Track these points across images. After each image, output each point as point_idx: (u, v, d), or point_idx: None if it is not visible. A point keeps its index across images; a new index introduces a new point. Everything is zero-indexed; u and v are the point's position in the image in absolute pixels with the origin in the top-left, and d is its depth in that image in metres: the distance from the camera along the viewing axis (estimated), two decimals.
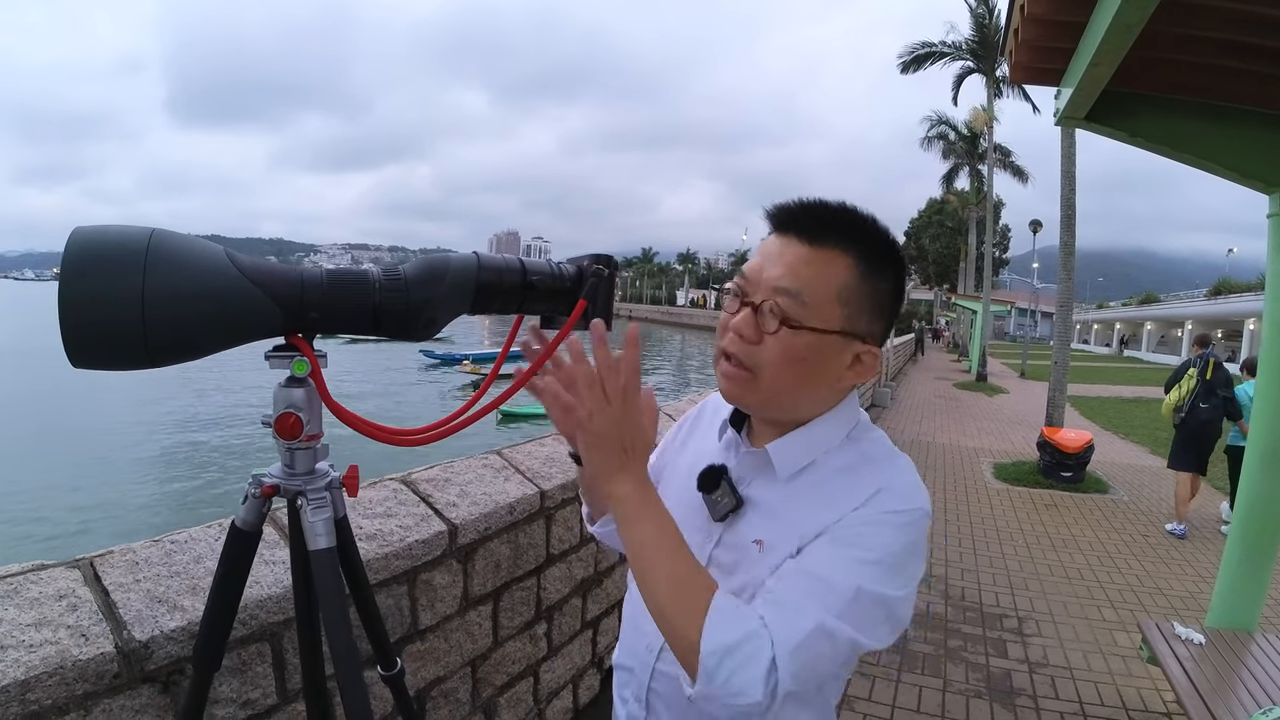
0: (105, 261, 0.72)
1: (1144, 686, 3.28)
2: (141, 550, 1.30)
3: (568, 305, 0.91)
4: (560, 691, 2.46)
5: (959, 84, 26.33)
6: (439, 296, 0.83)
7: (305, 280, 0.80)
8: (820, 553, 0.81)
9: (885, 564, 0.80)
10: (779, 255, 0.86)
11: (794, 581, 0.79)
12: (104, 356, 0.74)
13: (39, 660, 1.01)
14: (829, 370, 0.87)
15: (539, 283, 0.90)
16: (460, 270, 0.85)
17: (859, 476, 0.87)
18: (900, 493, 0.85)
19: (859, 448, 0.92)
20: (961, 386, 19.26)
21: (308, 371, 0.82)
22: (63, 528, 9.47)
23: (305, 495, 0.87)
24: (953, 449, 9.51)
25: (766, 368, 0.85)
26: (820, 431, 0.91)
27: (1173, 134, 2.67)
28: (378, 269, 0.83)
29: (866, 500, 0.84)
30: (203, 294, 0.76)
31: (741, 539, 0.90)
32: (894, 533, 0.82)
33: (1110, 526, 6.05)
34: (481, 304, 0.87)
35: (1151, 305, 51.43)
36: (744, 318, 0.86)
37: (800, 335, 0.84)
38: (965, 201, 35.46)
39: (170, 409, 17.63)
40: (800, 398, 0.89)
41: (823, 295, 0.84)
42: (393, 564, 1.62)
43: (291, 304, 0.80)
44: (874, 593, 0.78)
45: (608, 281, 0.92)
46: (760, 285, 0.86)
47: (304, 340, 0.83)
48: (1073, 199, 9.10)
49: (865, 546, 0.80)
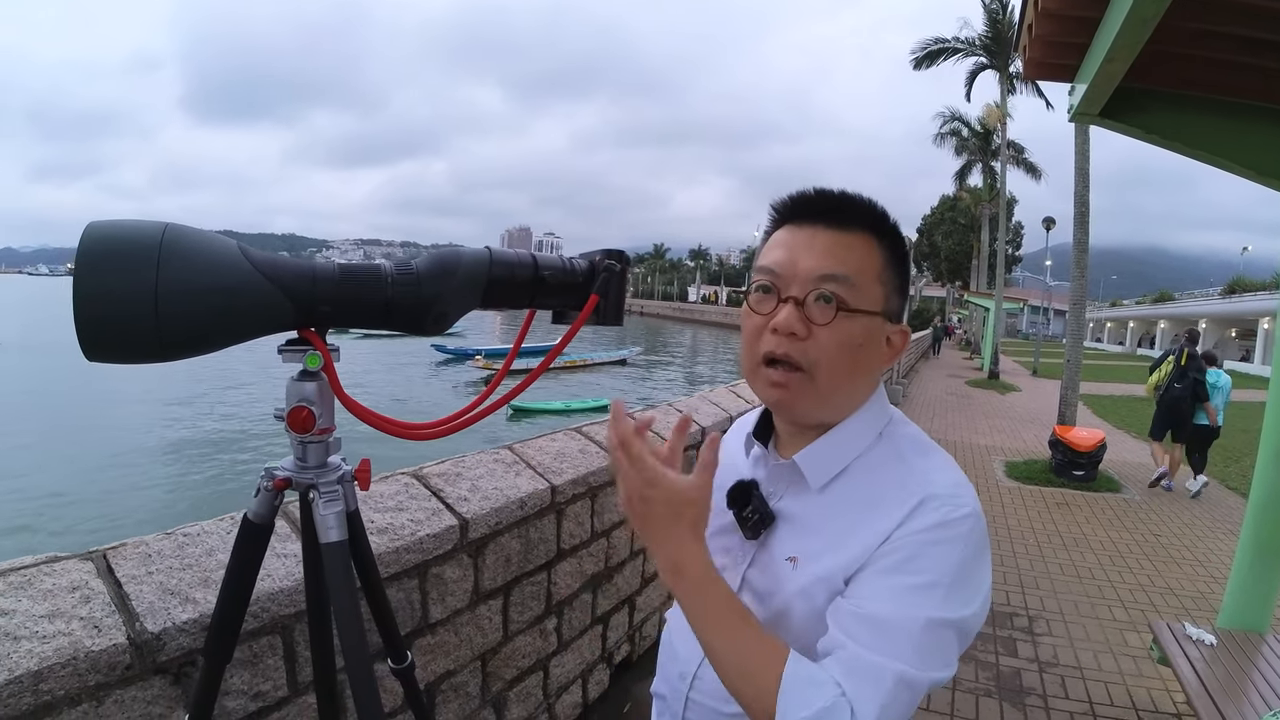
0: (119, 256, 0.73)
1: (1154, 687, 3.25)
2: (154, 543, 1.31)
3: (580, 300, 0.91)
4: (570, 686, 2.46)
5: (972, 80, 26.14)
6: (450, 291, 0.83)
7: (317, 275, 0.81)
8: (875, 588, 0.76)
9: (946, 585, 0.74)
10: (809, 244, 0.83)
11: (859, 633, 0.73)
12: (117, 350, 0.75)
13: (52, 651, 1.01)
14: (873, 355, 0.85)
15: (550, 277, 0.90)
16: (472, 265, 0.85)
17: (897, 483, 0.82)
18: (946, 498, 0.79)
19: (894, 447, 0.87)
20: (974, 384, 19.16)
21: (320, 366, 0.82)
22: (79, 521, 9.55)
23: (317, 488, 0.88)
24: (964, 447, 9.46)
25: (824, 363, 0.81)
26: (851, 433, 0.87)
27: (1187, 130, 2.63)
28: (390, 264, 0.83)
29: (910, 513, 0.78)
30: (215, 288, 0.76)
31: (775, 556, 0.86)
32: (949, 548, 0.76)
33: (1122, 526, 6.00)
34: (493, 299, 0.87)
35: (1165, 304, 51.01)
36: (790, 314, 0.81)
37: (856, 321, 0.81)
38: (978, 198, 35.22)
39: (197, 402, 17.77)
40: (854, 391, 0.86)
41: (868, 277, 0.83)
42: (404, 558, 1.62)
43: (304, 298, 0.80)
44: (942, 619, 0.73)
45: (619, 276, 0.92)
46: (797, 277, 0.82)
47: (316, 334, 0.83)
48: (1086, 196, 9.02)
49: (921, 571, 0.75)
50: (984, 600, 0.79)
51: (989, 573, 0.81)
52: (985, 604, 0.79)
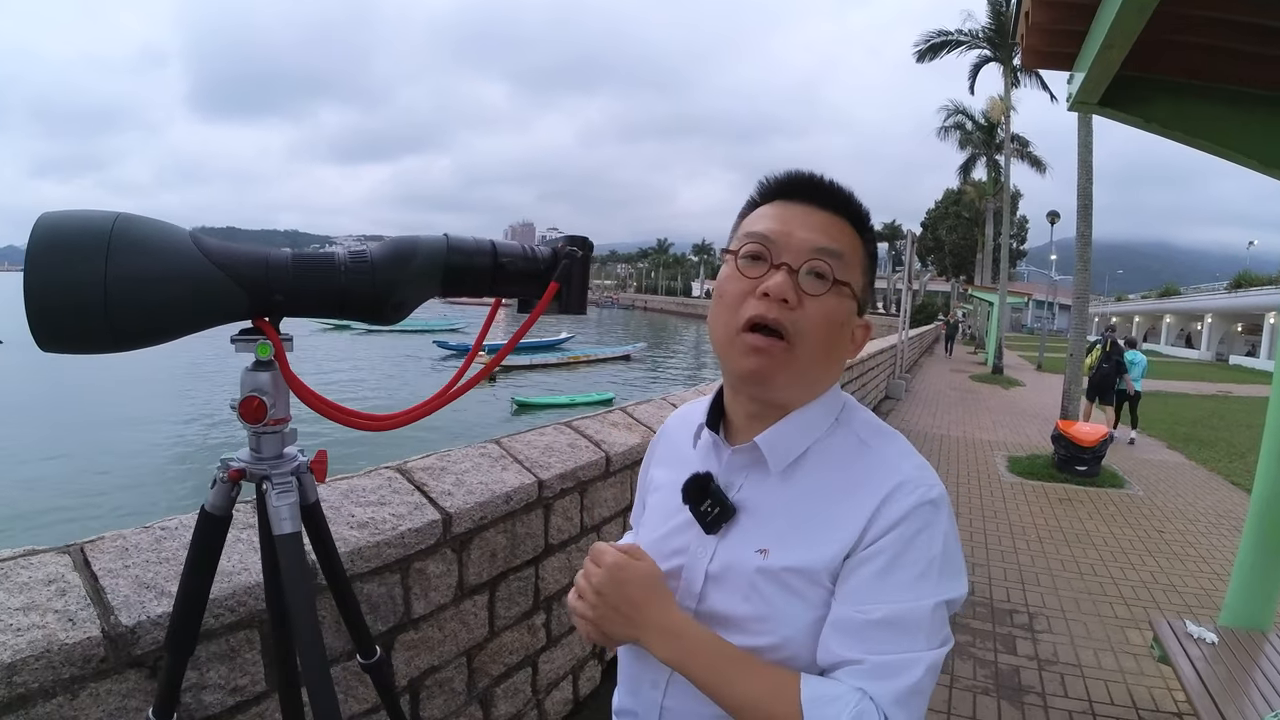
0: (69, 246, 0.72)
1: (1155, 686, 3.23)
2: (132, 536, 1.30)
3: (541, 288, 0.89)
4: (560, 682, 2.45)
5: (976, 73, 26.05)
6: (406, 279, 0.82)
7: (270, 263, 0.79)
8: (873, 591, 0.76)
9: (937, 568, 0.77)
10: (805, 218, 0.83)
11: (872, 641, 0.74)
12: (70, 340, 0.74)
13: (25, 644, 1.01)
14: (844, 343, 0.86)
15: (509, 264, 0.88)
16: (428, 252, 0.84)
17: (863, 469, 0.82)
18: (915, 482, 0.80)
19: (852, 432, 0.87)
20: (977, 379, 19.09)
21: (271, 354, 0.81)
22: (67, 515, 9.67)
23: (270, 480, 0.86)
24: (966, 442, 9.42)
25: (809, 334, 0.80)
26: (810, 417, 0.86)
27: (1188, 119, 2.60)
28: (344, 251, 0.82)
29: (884, 501, 0.78)
30: (166, 277, 0.75)
31: (740, 551, 0.84)
32: (931, 533, 0.78)
33: (1125, 522, 5.97)
34: (451, 286, 0.86)
35: (1171, 298, 50.80)
36: (784, 279, 0.79)
37: (843, 298, 0.82)
38: (982, 192, 35.10)
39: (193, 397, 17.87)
40: (824, 373, 0.86)
41: (854, 259, 0.84)
42: (384, 552, 1.60)
43: (257, 287, 0.79)
44: (943, 601, 0.77)
45: (581, 263, 0.90)
46: (791, 246, 0.81)
47: (269, 323, 0.82)
48: (1089, 189, 8.96)
49: (914, 562, 0.76)
50: (965, 573, 0.82)
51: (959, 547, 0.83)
52: (965, 577, 0.82)
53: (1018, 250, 51.92)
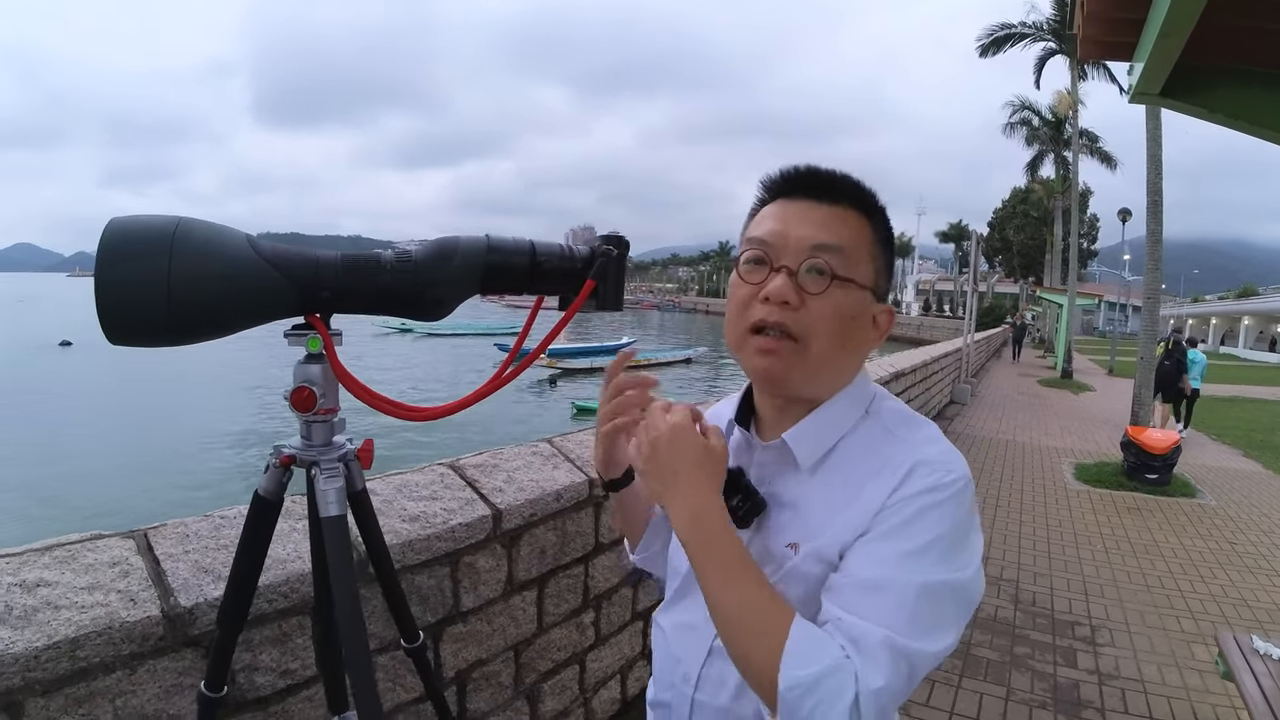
0: (135, 248, 0.79)
1: (1220, 704, 3.08)
2: (192, 524, 1.37)
3: (579, 286, 0.92)
4: (608, 681, 2.47)
5: (1041, 66, 25.26)
6: (447, 277, 0.86)
7: (320, 263, 0.85)
8: (869, 556, 0.76)
9: (939, 549, 0.75)
10: (802, 216, 0.83)
11: (853, 601, 0.74)
12: (135, 333, 0.80)
13: (89, 620, 1.08)
14: (864, 331, 0.85)
15: (546, 263, 0.91)
16: (469, 251, 0.87)
17: (887, 455, 0.82)
18: (935, 464, 0.79)
19: (880, 421, 0.87)
20: (1045, 383, 18.52)
21: (320, 347, 0.86)
22: (130, 503, 10.19)
23: (319, 465, 0.92)
24: (1033, 448, 9.14)
25: (818, 331, 0.81)
26: (838, 410, 0.87)
27: (1254, 108, 2.47)
28: (390, 252, 0.86)
29: (901, 481, 0.78)
30: (224, 276, 0.81)
31: (771, 545, 0.85)
32: (940, 512, 0.76)
33: (1196, 533, 5.71)
34: (491, 284, 0.89)
35: (1249, 299, 48.33)
36: (783, 283, 0.81)
37: (849, 291, 0.82)
38: (1050, 190, 34.00)
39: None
40: (843, 366, 0.86)
41: (859, 250, 0.83)
42: (435, 545, 1.65)
43: (307, 285, 0.84)
44: (940, 581, 0.74)
45: (617, 261, 0.93)
46: (789, 248, 0.82)
47: (319, 319, 0.87)
48: (1159, 184, 8.59)
49: (916, 535, 0.75)
50: (979, 566, 0.79)
51: (981, 540, 0.81)
52: (980, 571, 0.79)
53: (1088, 250, 50.16)
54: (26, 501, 10.15)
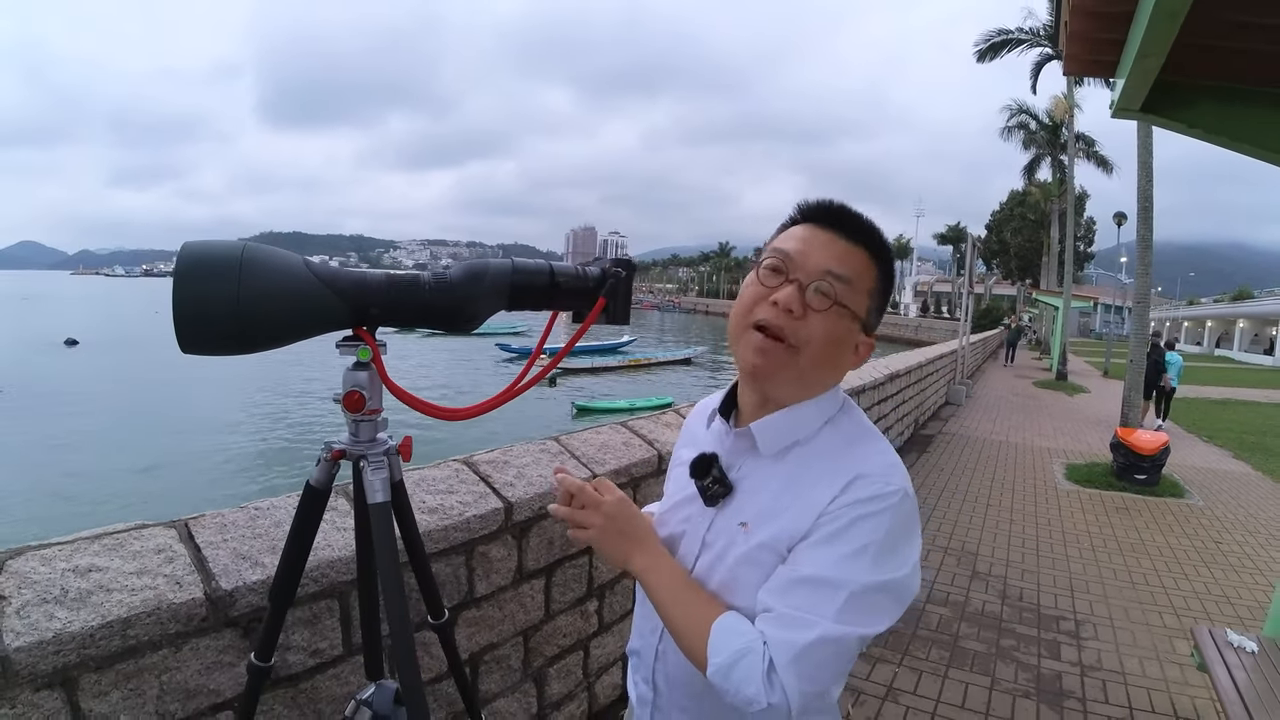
0: (208, 269, 0.90)
1: (1198, 695, 3.21)
2: (230, 515, 1.49)
3: (591, 302, 1.04)
4: (610, 668, 2.58)
5: (1037, 71, 25.31)
6: (479, 295, 0.98)
7: (368, 282, 0.97)
8: (809, 555, 0.87)
9: (872, 553, 0.85)
10: (826, 244, 0.93)
11: (789, 594, 0.86)
12: (207, 344, 0.92)
13: (139, 601, 1.18)
14: (846, 354, 0.96)
15: (564, 283, 1.04)
16: (497, 273, 1.00)
17: (837, 463, 0.92)
18: (875, 477, 0.89)
19: (839, 432, 0.97)
20: (1041, 385, 18.65)
21: (370, 357, 0.98)
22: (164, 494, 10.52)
23: (366, 459, 1.04)
24: (1025, 449, 9.27)
25: (811, 344, 0.90)
26: (805, 413, 0.96)
27: (1232, 124, 2.58)
28: (429, 274, 0.98)
29: (843, 489, 0.88)
30: (285, 294, 0.93)
31: (729, 522, 0.97)
32: (875, 521, 0.86)
33: (1182, 532, 5.85)
34: (516, 301, 1.02)
35: (1244, 302, 48.50)
36: (793, 293, 0.90)
37: (844, 317, 0.92)
38: (1047, 193, 34.11)
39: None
40: (822, 379, 0.96)
41: (862, 286, 0.93)
42: (451, 535, 1.77)
43: (356, 302, 0.96)
44: (869, 583, 0.84)
45: (625, 282, 1.05)
46: (806, 267, 0.91)
47: (367, 332, 0.99)
48: (1150, 191, 8.72)
49: (850, 540, 0.85)
50: (914, 567, 0.90)
51: (919, 545, 0.92)
52: (916, 571, 0.90)
53: (1084, 253, 50.25)
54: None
